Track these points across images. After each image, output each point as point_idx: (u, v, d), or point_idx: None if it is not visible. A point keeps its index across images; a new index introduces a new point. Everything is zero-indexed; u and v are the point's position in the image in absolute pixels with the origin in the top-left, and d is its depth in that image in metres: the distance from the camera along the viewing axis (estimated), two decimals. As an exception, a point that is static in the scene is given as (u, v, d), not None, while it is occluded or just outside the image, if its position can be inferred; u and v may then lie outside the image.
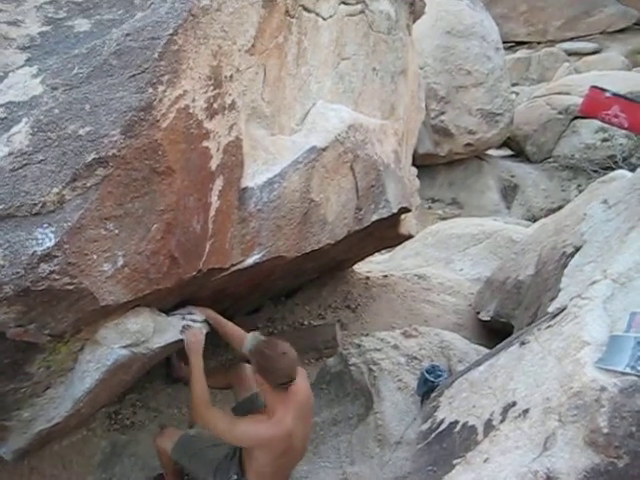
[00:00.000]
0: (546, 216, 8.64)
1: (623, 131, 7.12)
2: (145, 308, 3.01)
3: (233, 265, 3.30)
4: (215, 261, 3.11)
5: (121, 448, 3.95)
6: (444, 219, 10.95)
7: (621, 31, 19.17)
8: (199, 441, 3.63)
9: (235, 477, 3.47)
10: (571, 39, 19.56)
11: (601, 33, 19.32)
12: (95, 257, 2.48)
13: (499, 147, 13.87)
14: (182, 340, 3.26)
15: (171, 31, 2.62)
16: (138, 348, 2.98)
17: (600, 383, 2.45)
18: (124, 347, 2.91)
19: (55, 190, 2.34)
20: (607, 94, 3.33)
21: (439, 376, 3.84)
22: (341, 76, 4.21)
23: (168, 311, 3.30)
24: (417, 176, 6.13)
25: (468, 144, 12.44)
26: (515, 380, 2.95)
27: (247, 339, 3.41)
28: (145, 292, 2.76)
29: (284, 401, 3.23)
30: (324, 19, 3.94)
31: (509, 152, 14.40)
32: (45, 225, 2.33)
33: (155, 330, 3.06)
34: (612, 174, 5.28)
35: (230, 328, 3.59)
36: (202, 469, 3.55)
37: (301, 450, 3.52)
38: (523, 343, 3.19)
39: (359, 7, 4.36)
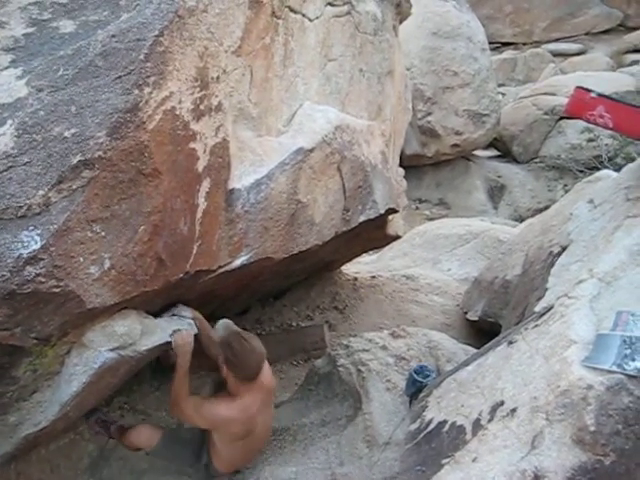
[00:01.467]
0: (533, 216, 8.68)
1: (608, 131, 7.17)
2: (132, 310, 2.99)
3: (220, 267, 3.30)
4: (202, 263, 3.11)
5: (109, 451, 3.93)
6: (431, 220, 10.98)
7: (605, 32, 19.30)
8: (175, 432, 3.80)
9: (204, 463, 3.62)
10: (556, 40, 19.67)
11: (586, 34, 19.45)
12: (81, 259, 2.46)
13: (486, 147, 13.92)
14: (170, 342, 3.24)
15: (157, 32, 2.61)
16: (125, 351, 2.96)
17: (587, 381, 2.46)
18: (111, 350, 2.89)
19: (41, 192, 2.33)
20: (592, 95, 3.34)
21: (427, 376, 3.84)
22: (328, 77, 4.21)
23: (156, 314, 3.29)
24: (404, 177, 6.14)
25: (455, 145, 12.49)
26: (503, 379, 2.96)
27: (218, 325, 3.49)
28: (132, 294, 2.75)
29: (249, 389, 3.41)
30: (310, 20, 3.94)
31: (496, 152, 14.46)
32: (31, 228, 2.31)
33: (142, 332, 3.04)
34: (598, 174, 5.31)
35: (213, 333, 3.61)
36: (182, 455, 3.66)
37: (263, 436, 3.70)
38: (511, 342, 3.20)
39: (345, 8, 4.37)
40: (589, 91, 3.38)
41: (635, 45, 17.56)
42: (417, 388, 3.79)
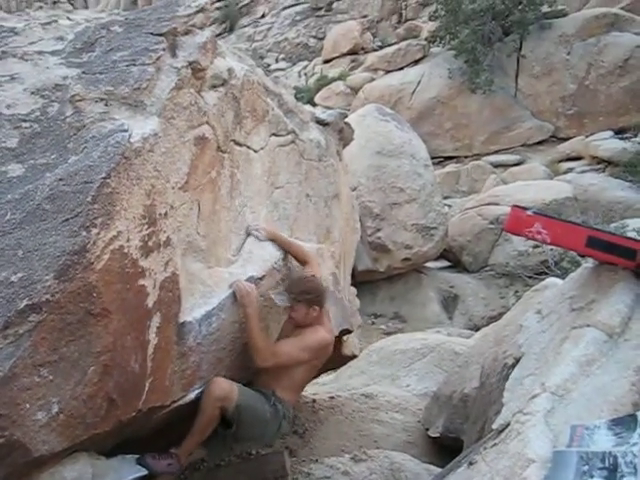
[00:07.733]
0: (487, 324, 8.74)
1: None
2: (83, 453, 2.89)
3: (174, 401, 3.24)
4: (155, 399, 3.04)
5: None
6: (388, 334, 10.97)
7: (540, 143, 20.20)
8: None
9: (272, 399, 3.82)
10: (495, 152, 20.52)
11: (522, 145, 20.33)
12: (28, 406, 2.40)
13: (436, 259, 14.13)
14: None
15: (104, 174, 2.68)
16: (76, 497, 2.84)
17: (548, 502, 2.44)
18: (60, 497, 2.76)
19: (-14, 340, 2.30)
20: (528, 212, 3.47)
21: (391, 501, 3.76)
22: (275, 204, 4.32)
23: (109, 453, 3.18)
24: (358, 292, 6.19)
25: (406, 258, 12.67)
26: (466, 503, 2.91)
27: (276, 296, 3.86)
28: (82, 438, 2.66)
29: (325, 317, 3.98)
30: (255, 151, 4.08)
31: (447, 263, 14.69)
32: (-26, 376, 2.26)
33: (94, 475, 2.93)
34: (545, 282, 5.43)
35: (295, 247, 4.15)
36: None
37: None
38: (471, 463, 3.16)
39: (290, 137, 4.54)
40: (525, 209, 3.52)
41: (568, 154, 18.44)
42: (381, 515, 3.70)
